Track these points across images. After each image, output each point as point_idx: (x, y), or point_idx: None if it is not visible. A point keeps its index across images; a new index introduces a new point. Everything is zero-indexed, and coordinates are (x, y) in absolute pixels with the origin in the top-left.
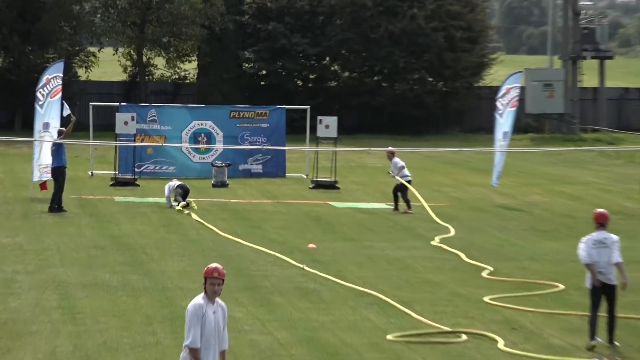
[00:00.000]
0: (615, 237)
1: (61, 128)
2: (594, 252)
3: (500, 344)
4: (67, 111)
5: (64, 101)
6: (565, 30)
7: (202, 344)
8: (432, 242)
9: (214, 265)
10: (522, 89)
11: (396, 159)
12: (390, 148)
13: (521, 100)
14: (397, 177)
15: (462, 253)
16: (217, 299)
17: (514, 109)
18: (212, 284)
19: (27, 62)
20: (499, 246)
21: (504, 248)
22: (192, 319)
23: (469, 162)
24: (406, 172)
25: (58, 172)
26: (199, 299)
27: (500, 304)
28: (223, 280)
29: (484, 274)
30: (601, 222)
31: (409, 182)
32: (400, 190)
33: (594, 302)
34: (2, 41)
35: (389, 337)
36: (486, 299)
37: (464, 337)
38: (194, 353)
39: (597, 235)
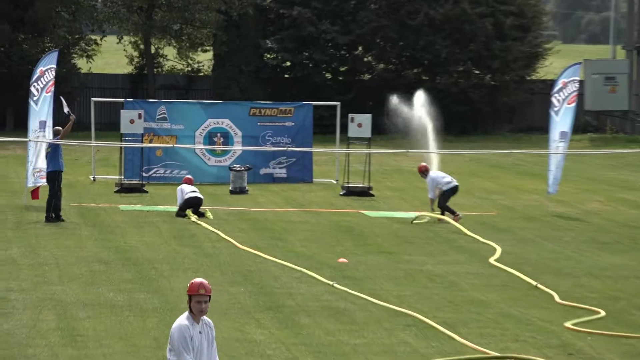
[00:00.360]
0: None
1: (57, 127)
2: None
3: None
4: (66, 108)
5: (62, 97)
6: (629, 16)
7: None
8: (490, 260)
9: (198, 280)
10: (581, 82)
11: (431, 175)
12: (422, 163)
13: (580, 95)
14: (431, 215)
15: (513, 269)
16: (203, 317)
17: (572, 105)
18: (199, 302)
19: (20, 53)
20: (554, 260)
21: (559, 262)
22: (182, 344)
23: (520, 165)
24: (445, 180)
25: (53, 177)
26: (183, 319)
27: (578, 329)
28: (210, 296)
29: (557, 299)
30: None
31: (455, 187)
32: (442, 200)
33: None
34: None
35: None
36: (567, 324)
37: None
38: None
39: None
